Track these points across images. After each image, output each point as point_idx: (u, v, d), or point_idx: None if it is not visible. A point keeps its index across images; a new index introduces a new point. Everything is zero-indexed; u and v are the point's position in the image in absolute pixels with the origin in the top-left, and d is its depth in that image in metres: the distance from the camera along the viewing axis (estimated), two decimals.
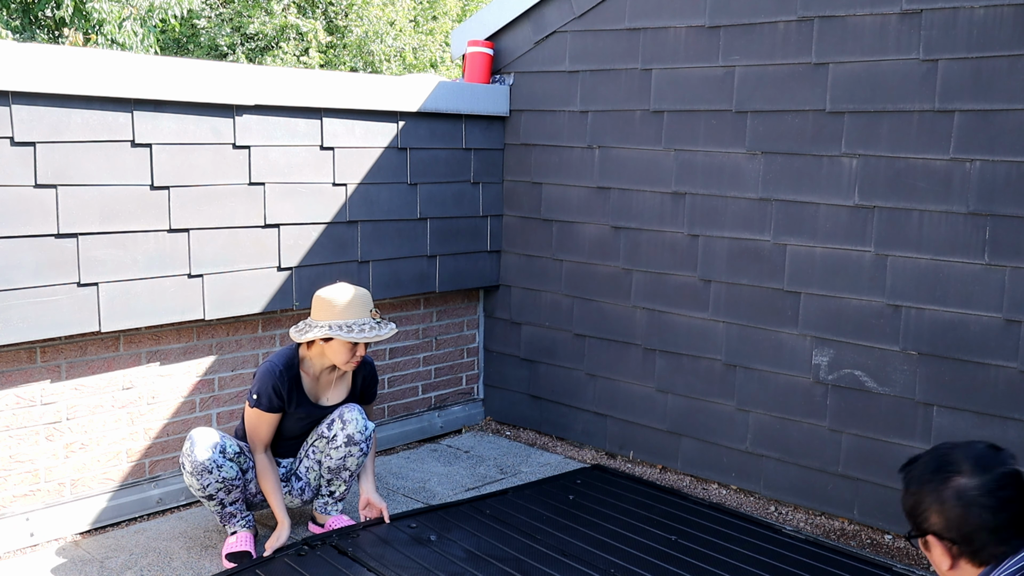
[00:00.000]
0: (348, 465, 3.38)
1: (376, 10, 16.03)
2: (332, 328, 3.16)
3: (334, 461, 3.36)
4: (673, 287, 4.07)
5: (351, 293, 3.23)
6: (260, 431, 3.26)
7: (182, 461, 3.18)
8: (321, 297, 3.24)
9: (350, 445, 3.34)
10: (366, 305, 3.25)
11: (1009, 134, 3.16)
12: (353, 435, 3.34)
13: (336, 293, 3.24)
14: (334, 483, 3.42)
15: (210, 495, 3.16)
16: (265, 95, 3.61)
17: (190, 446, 3.14)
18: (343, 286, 3.28)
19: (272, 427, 3.27)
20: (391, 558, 3.14)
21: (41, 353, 3.26)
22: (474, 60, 4.56)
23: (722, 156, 3.87)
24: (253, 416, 3.25)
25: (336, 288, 3.27)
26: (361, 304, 3.23)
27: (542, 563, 3.16)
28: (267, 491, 3.26)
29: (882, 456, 3.51)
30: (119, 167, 3.27)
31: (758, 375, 3.83)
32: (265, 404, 3.22)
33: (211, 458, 3.11)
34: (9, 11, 11.74)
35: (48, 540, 3.34)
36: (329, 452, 3.36)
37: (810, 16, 3.58)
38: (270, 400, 3.22)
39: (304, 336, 3.21)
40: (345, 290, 3.25)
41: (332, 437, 3.35)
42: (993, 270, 3.22)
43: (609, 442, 4.39)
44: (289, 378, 3.24)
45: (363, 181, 4.04)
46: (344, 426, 3.34)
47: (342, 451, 3.34)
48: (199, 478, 3.12)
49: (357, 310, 3.21)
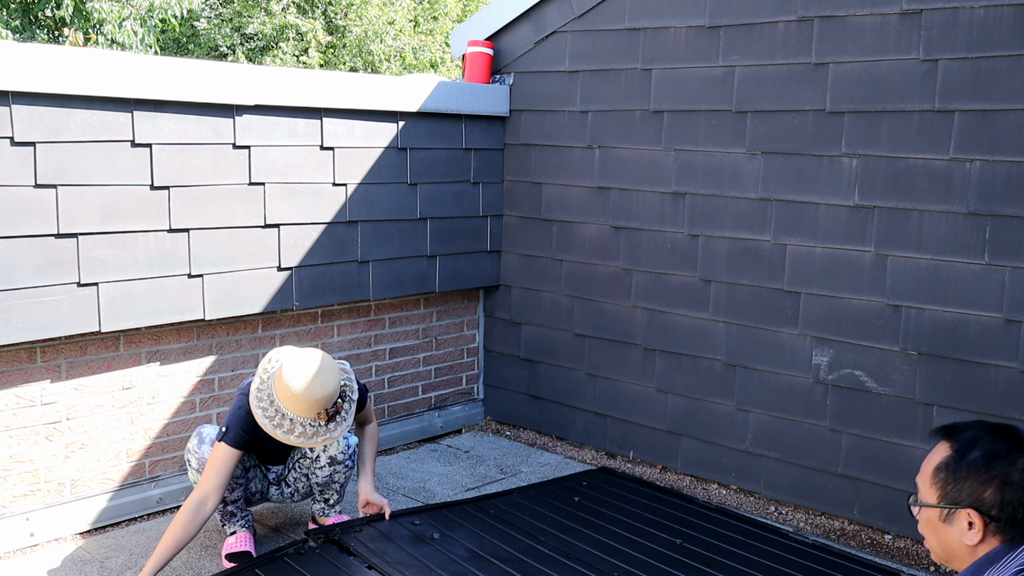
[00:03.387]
0: (336, 479, 3.34)
1: (375, 10, 16.03)
2: (265, 413, 2.92)
3: (320, 479, 3.33)
4: (673, 287, 4.07)
5: (308, 388, 2.89)
6: (213, 469, 2.97)
7: (188, 458, 3.17)
8: (283, 372, 2.93)
9: (334, 465, 3.30)
10: (316, 406, 2.92)
11: (1009, 134, 3.16)
12: (336, 456, 3.29)
13: (297, 378, 2.90)
14: (327, 492, 3.39)
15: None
16: (265, 95, 3.61)
17: (197, 443, 3.11)
18: (314, 374, 2.92)
19: (228, 467, 2.99)
20: (393, 555, 3.13)
21: (41, 353, 3.26)
22: (474, 60, 4.56)
23: (722, 156, 3.87)
24: (215, 451, 3.00)
25: (301, 368, 2.92)
26: (310, 404, 2.91)
27: (545, 565, 3.15)
28: (162, 546, 2.86)
29: (882, 456, 3.51)
30: (119, 167, 3.27)
31: (758, 375, 3.83)
32: (231, 439, 2.99)
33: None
34: (9, 11, 11.74)
35: (48, 540, 3.33)
36: (314, 471, 3.32)
37: (810, 16, 3.58)
38: (237, 436, 2.99)
39: (253, 397, 2.97)
40: (306, 380, 2.90)
41: (315, 458, 3.29)
42: (993, 270, 3.22)
43: (609, 442, 4.39)
44: None
45: (363, 181, 4.04)
46: (326, 448, 3.28)
47: (327, 471, 3.31)
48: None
49: (306, 408, 2.91)
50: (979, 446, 1.77)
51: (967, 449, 1.78)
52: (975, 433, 1.80)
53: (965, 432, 1.82)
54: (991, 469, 1.74)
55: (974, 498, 1.74)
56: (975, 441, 1.79)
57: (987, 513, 1.72)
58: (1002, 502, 1.72)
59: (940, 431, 1.86)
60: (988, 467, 1.74)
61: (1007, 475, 1.72)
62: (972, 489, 1.75)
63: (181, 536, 2.88)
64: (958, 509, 1.76)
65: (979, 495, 1.74)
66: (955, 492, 1.77)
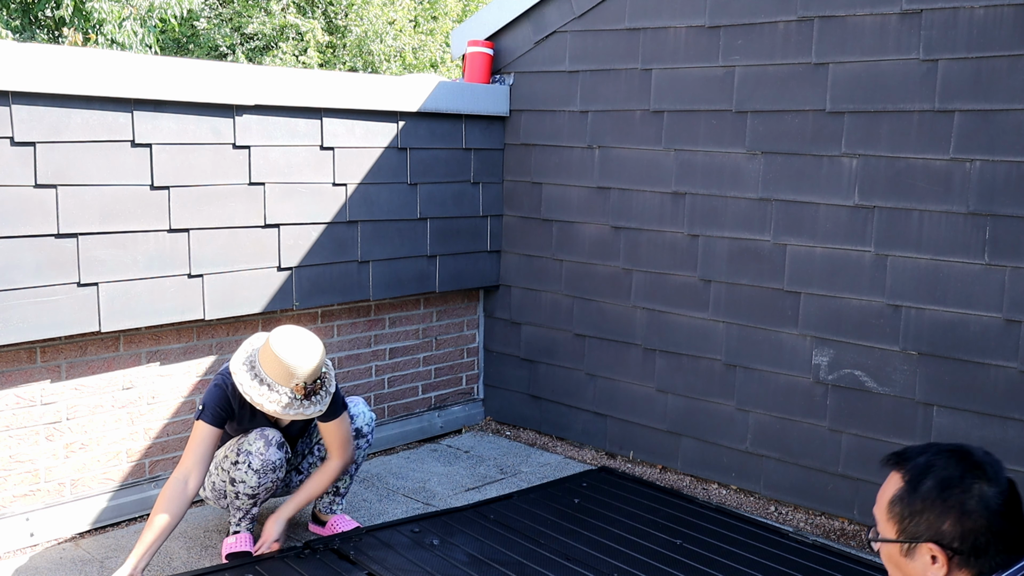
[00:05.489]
0: (356, 459, 3.39)
1: (375, 10, 16.03)
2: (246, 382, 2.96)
3: None
4: (673, 287, 4.07)
5: (292, 356, 2.95)
6: (192, 447, 3.00)
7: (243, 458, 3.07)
8: (270, 342, 2.99)
9: (359, 438, 3.38)
10: (297, 378, 2.95)
11: (1009, 134, 3.16)
12: (361, 428, 3.38)
13: (283, 347, 2.96)
14: (340, 478, 3.42)
15: (254, 495, 3.13)
16: (265, 95, 3.61)
17: (263, 444, 3.04)
18: (295, 344, 2.99)
19: (208, 446, 3.01)
20: (392, 561, 3.13)
21: (41, 353, 3.26)
22: (474, 60, 4.56)
23: (722, 156, 3.87)
24: (193, 430, 3.03)
25: (289, 341, 2.99)
26: (292, 374, 2.94)
27: (545, 567, 3.15)
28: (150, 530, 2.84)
29: (882, 456, 3.50)
30: (119, 167, 3.27)
31: (758, 375, 3.83)
32: (208, 416, 3.01)
33: (281, 456, 3.10)
34: (9, 11, 11.74)
35: (48, 540, 3.33)
36: None
37: (810, 16, 3.58)
38: (214, 413, 3.02)
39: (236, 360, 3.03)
40: (291, 350, 2.96)
41: None
42: (993, 270, 3.22)
43: (609, 442, 4.39)
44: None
45: (363, 181, 4.04)
46: (353, 420, 3.35)
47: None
48: (262, 476, 3.09)
49: (286, 377, 2.95)
50: (931, 474, 1.65)
51: (919, 479, 1.66)
52: (927, 460, 1.68)
53: (916, 460, 1.70)
54: (947, 499, 1.61)
55: (933, 531, 1.62)
56: (927, 469, 1.66)
57: (949, 546, 1.60)
58: (962, 533, 1.59)
59: (890, 459, 1.75)
60: (943, 497, 1.62)
61: (963, 504, 1.60)
62: (930, 522, 1.62)
63: (168, 519, 2.86)
64: (919, 544, 1.63)
65: (938, 528, 1.61)
66: (913, 526, 1.64)
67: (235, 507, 3.21)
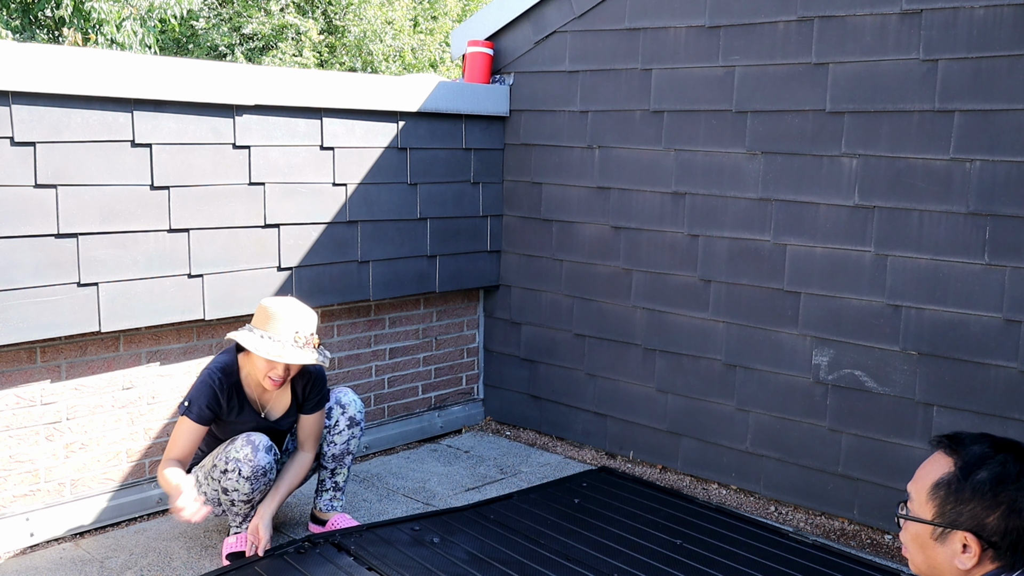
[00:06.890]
0: (351, 449, 3.41)
1: (374, 9, 16.02)
2: (244, 336, 3.01)
3: (338, 447, 3.38)
4: (673, 287, 4.07)
5: (287, 309, 3.06)
6: (178, 442, 3.06)
7: (232, 467, 3.07)
8: (261, 303, 3.11)
9: (352, 427, 3.39)
10: (295, 327, 3.04)
11: (1009, 134, 3.16)
12: (354, 416, 3.39)
13: (275, 303, 3.08)
14: (338, 472, 3.43)
15: (249, 499, 3.13)
16: (265, 95, 3.61)
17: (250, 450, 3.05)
18: (289, 301, 3.13)
19: (192, 441, 3.08)
20: (393, 558, 3.14)
21: (41, 353, 3.26)
22: (474, 60, 4.56)
23: (722, 156, 3.87)
24: (178, 424, 3.08)
25: (280, 299, 3.13)
26: (290, 322, 3.04)
27: (545, 567, 3.16)
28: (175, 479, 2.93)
29: (882, 456, 3.51)
30: (119, 167, 3.27)
31: (758, 375, 3.83)
32: (195, 413, 3.05)
33: (270, 460, 3.10)
34: (9, 11, 11.74)
35: (48, 540, 3.33)
36: (333, 439, 3.37)
37: (810, 16, 3.58)
38: (200, 411, 3.05)
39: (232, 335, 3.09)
40: (284, 304, 3.09)
41: (334, 424, 3.36)
42: (993, 270, 3.22)
43: (609, 442, 4.39)
44: (228, 384, 3.10)
45: (363, 181, 4.04)
46: (344, 410, 3.37)
47: (345, 435, 3.37)
48: (254, 482, 3.09)
49: (284, 328, 3.03)
50: (987, 466, 1.62)
51: (973, 468, 1.63)
52: (982, 451, 1.65)
53: (971, 447, 1.66)
54: (998, 494, 1.60)
55: (975, 522, 1.61)
56: (982, 460, 1.64)
57: (987, 539, 1.60)
58: (1006, 529, 1.59)
59: (943, 441, 1.71)
60: (995, 492, 1.60)
61: (1014, 502, 1.59)
62: (975, 513, 1.61)
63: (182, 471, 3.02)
64: (954, 530, 1.62)
65: (981, 520, 1.60)
66: (954, 513, 1.63)
67: (232, 512, 3.21)
